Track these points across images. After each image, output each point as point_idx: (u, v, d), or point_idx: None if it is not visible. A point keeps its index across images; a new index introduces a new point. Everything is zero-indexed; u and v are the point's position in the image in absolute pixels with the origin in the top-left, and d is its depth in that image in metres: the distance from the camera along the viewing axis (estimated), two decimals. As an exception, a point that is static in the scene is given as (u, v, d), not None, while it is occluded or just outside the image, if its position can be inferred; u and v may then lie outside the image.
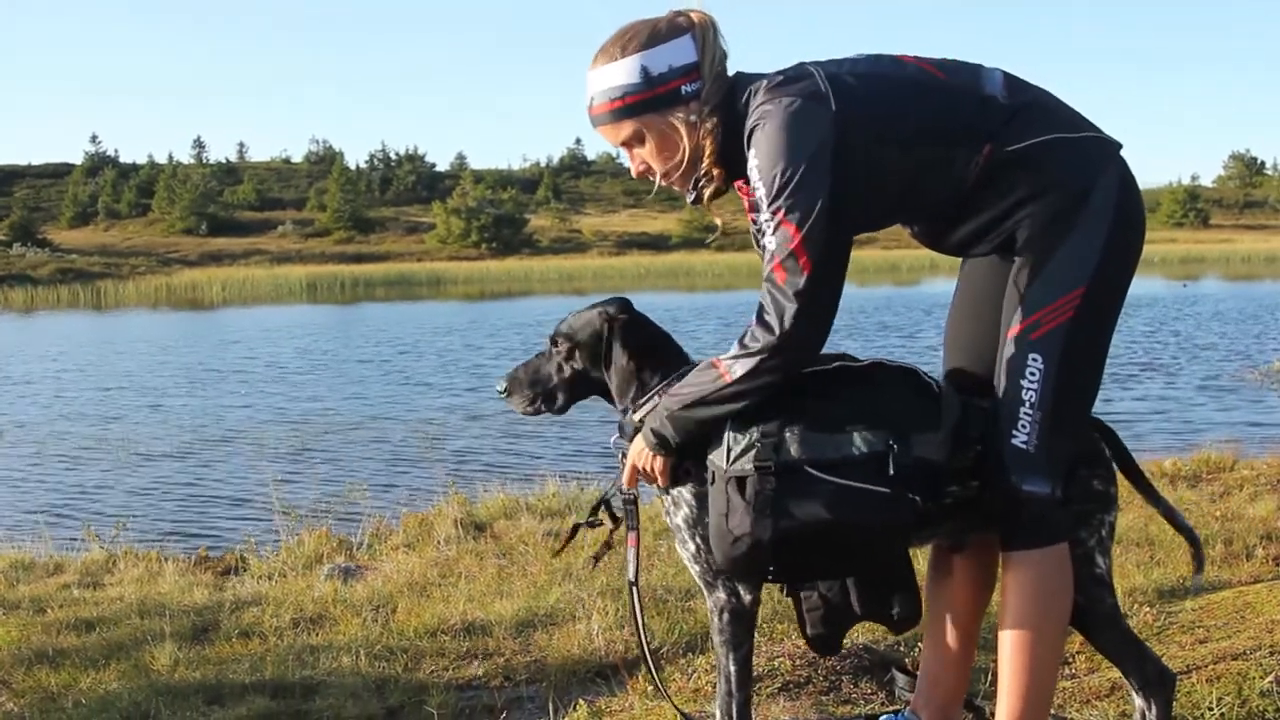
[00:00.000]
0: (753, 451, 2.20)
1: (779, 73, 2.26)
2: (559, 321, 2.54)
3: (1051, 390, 2.22)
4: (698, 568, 2.41)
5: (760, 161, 2.15)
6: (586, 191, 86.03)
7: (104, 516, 8.30)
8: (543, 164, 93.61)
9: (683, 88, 2.25)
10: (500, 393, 2.54)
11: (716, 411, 2.23)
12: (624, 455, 2.43)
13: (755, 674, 3.18)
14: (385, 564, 5.66)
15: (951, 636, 2.58)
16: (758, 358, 2.17)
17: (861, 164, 2.18)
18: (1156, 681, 2.39)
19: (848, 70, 2.24)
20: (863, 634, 3.54)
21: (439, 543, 5.97)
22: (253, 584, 5.39)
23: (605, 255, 65.29)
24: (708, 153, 2.26)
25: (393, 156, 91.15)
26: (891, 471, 2.17)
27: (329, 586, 4.98)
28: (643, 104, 2.25)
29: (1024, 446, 2.22)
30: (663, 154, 2.30)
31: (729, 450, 2.21)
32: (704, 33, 2.27)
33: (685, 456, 2.33)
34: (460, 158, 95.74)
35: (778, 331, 2.14)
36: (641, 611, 2.61)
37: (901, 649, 3.45)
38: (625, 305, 2.52)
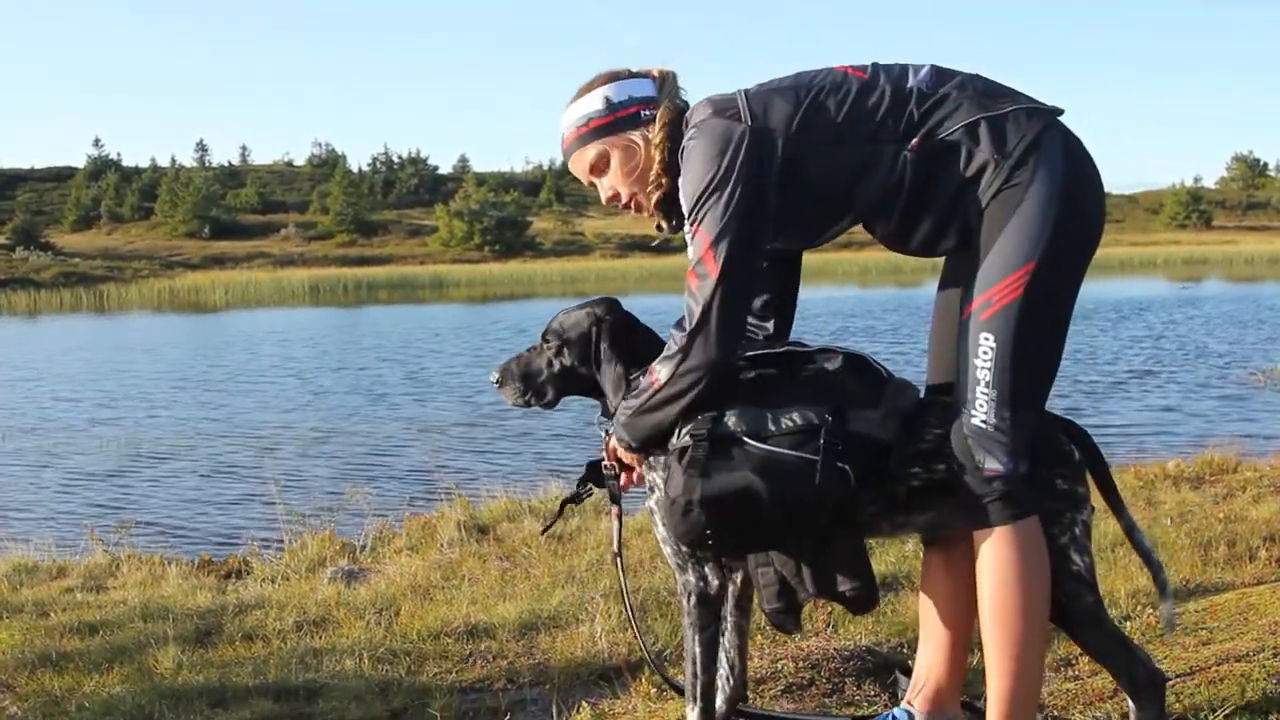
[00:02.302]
0: (692, 425, 2.34)
1: (711, 97, 2.41)
2: (551, 319, 2.64)
3: (1006, 368, 2.24)
4: (669, 549, 2.51)
5: (684, 180, 2.33)
6: (589, 194, 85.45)
7: (107, 519, 8.31)
8: (545, 166, 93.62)
9: (642, 112, 2.47)
10: (493, 382, 2.67)
11: (657, 417, 2.37)
12: (607, 434, 2.58)
13: (759, 676, 3.19)
14: (388, 567, 5.67)
15: (944, 630, 2.60)
16: (675, 360, 2.32)
17: (786, 174, 2.29)
18: (1146, 683, 2.38)
19: (771, 87, 2.37)
20: (866, 635, 3.55)
21: (442, 545, 5.98)
22: (256, 587, 5.39)
23: (608, 258, 65.35)
24: (657, 161, 2.43)
25: (395, 159, 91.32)
26: (821, 442, 2.25)
27: (332, 589, 4.99)
28: (604, 127, 2.46)
29: (983, 425, 2.25)
30: (625, 173, 2.48)
31: (678, 430, 2.36)
32: (663, 79, 2.49)
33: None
34: (462, 160, 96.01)
35: (689, 333, 2.29)
36: (625, 580, 2.75)
37: (905, 651, 3.45)
38: (613, 306, 2.61)
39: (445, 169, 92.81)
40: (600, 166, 2.49)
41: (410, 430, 12.40)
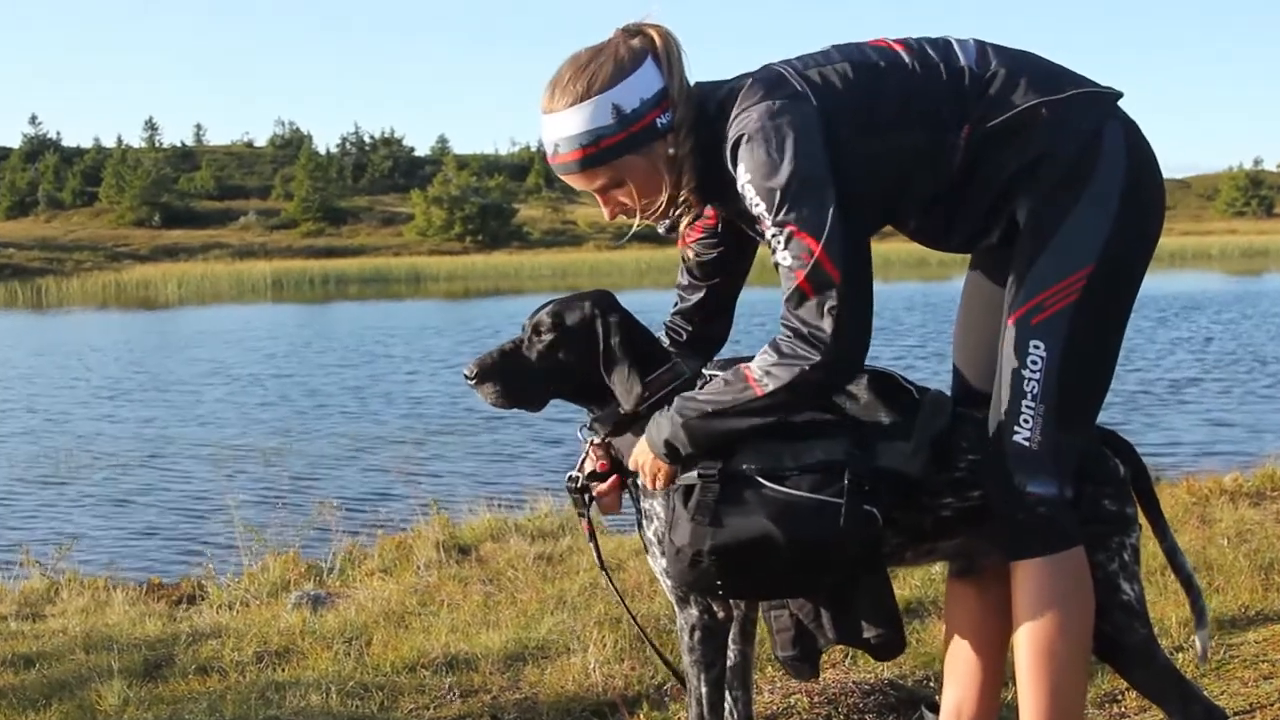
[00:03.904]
0: (701, 459, 2.28)
1: (749, 78, 2.30)
2: (538, 308, 2.56)
3: (1056, 381, 2.22)
4: (669, 582, 2.48)
5: (753, 176, 2.19)
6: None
7: (43, 540, 8.29)
8: (533, 148, 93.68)
9: (658, 120, 2.27)
10: (469, 378, 2.54)
11: (740, 424, 2.27)
12: (590, 444, 2.55)
13: (769, 712, 3.19)
14: (359, 591, 5.66)
15: (973, 664, 2.59)
16: (798, 369, 2.19)
17: (848, 159, 2.22)
18: None
19: (815, 64, 2.29)
20: (889, 668, 3.54)
21: (419, 567, 5.97)
22: (211, 614, 5.38)
23: (602, 249, 65.34)
24: (686, 180, 2.31)
25: (367, 140, 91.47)
26: (846, 482, 2.22)
27: (296, 616, 4.98)
28: (619, 146, 2.27)
29: (1026, 443, 2.23)
30: (645, 193, 2.34)
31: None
32: (667, 52, 2.30)
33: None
34: (442, 141, 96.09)
35: (819, 347, 2.16)
36: (618, 591, 2.83)
37: (932, 685, 3.45)
38: (615, 299, 2.58)
39: (422, 151, 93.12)
40: (611, 186, 2.35)
41: (384, 442, 12.40)
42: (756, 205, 2.19)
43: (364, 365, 19.84)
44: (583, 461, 2.58)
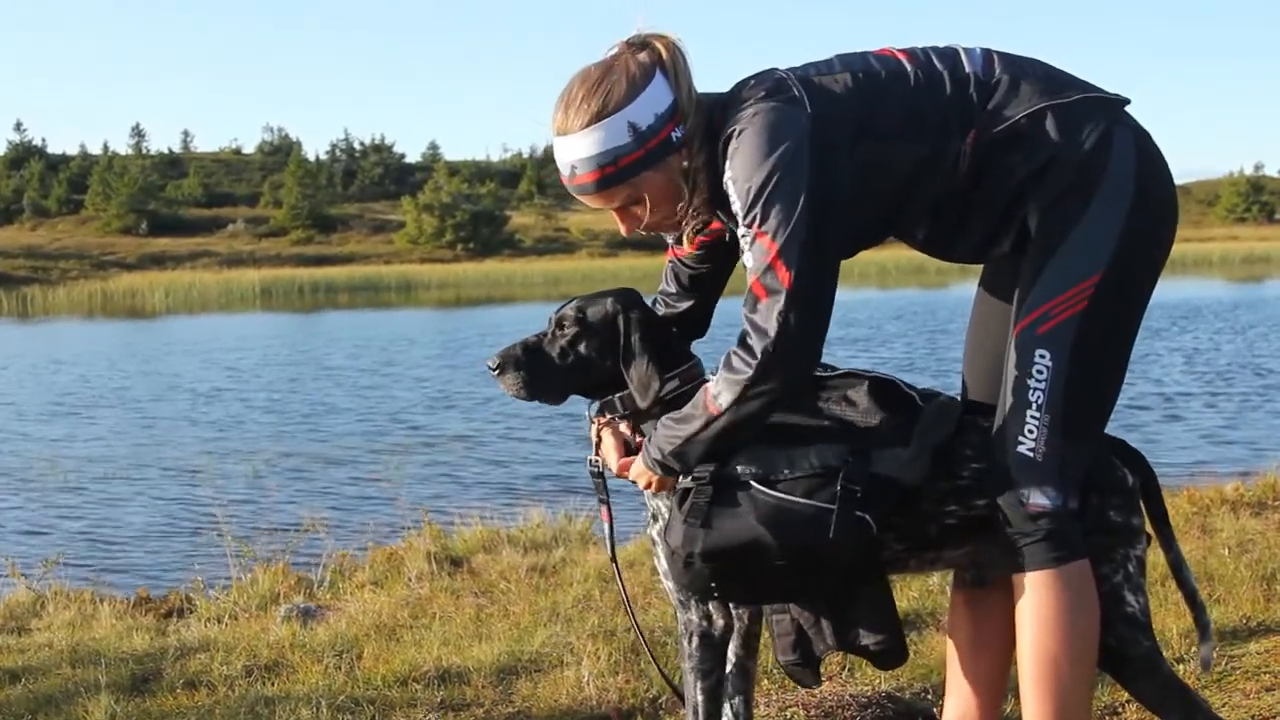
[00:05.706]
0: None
1: (750, 80, 2.32)
2: (564, 303, 2.61)
3: (1061, 391, 2.23)
4: (670, 585, 2.52)
5: (734, 174, 2.21)
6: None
7: (30, 552, 8.27)
8: (525, 154, 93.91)
9: (673, 134, 2.29)
10: (492, 369, 2.58)
11: (714, 444, 2.29)
12: (593, 420, 2.57)
13: (766, 726, 3.19)
14: (350, 604, 5.66)
15: (974, 677, 2.60)
16: (742, 384, 2.22)
17: (846, 168, 2.22)
18: None
19: (818, 71, 2.31)
20: (886, 680, 3.55)
21: (410, 580, 5.97)
22: (200, 627, 5.38)
23: (595, 256, 65.45)
24: (700, 190, 2.33)
25: (357, 146, 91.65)
26: (839, 489, 2.24)
27: (286, 629, 4.98)
28: (637, 163, 2.28)
29: (1030, 454, 2.24)
30: (662, 207, 2.36)
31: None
32: (673, 63, 2.31)
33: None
34: (432, 147, 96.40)
35: (760, 355, 2.19)
36: (625, 588, 2.78)
37: (930, 698, 3.46)
38: (639, 297, 2.61)
39: (413, 157, 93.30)
40: (628, 203, 2.37)
41: (373, 452, 12.39)
42: (735, 203, 2.22)
43: (359, 373, 19.83)
44: (597, 444, 2.60)
